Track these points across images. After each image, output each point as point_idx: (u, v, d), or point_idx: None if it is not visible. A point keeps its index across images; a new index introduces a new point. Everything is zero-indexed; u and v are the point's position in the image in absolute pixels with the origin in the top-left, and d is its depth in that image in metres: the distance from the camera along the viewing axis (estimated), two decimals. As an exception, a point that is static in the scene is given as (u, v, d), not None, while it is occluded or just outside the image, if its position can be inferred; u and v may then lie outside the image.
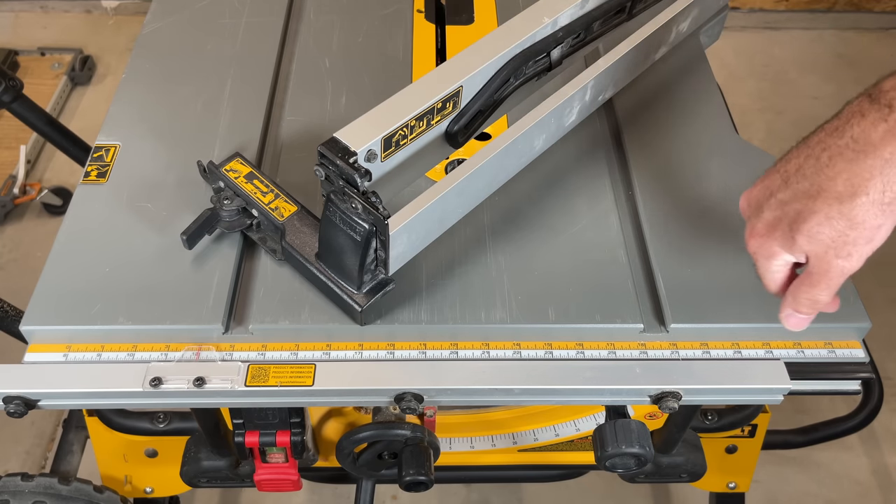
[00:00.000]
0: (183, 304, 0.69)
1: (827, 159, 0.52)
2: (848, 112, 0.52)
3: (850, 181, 0.51)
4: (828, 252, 0.54)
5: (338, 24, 0.99)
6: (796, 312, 0.59)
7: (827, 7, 2.46)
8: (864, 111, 0.51)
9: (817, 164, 0.53)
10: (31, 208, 1.94)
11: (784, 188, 0.55)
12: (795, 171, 0.54)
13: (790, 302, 0.59)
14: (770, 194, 0.56)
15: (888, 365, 1.67)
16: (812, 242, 0.54)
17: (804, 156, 0.54)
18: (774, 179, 0.56)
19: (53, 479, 0.91)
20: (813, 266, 0.56)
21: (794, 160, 0.55)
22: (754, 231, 0.58)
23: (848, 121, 0.52)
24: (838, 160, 0.51)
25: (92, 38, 2.40)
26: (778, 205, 0.55)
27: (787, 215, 0.55)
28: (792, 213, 0.54)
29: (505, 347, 0.69)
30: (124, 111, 0.87)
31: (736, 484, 1.08)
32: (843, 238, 0.52)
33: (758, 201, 0.58)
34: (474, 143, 0.77)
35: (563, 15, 0.75)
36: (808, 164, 0.53)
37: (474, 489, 1.49)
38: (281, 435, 0.85)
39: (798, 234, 0.54)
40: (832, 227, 0.52)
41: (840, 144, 0.51)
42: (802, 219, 0.53)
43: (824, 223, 0.52)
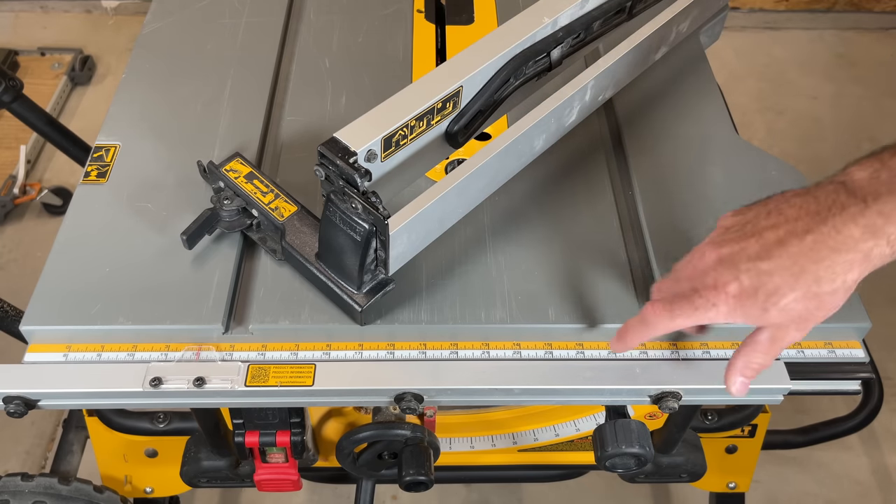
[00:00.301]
0: (183, 304, 0.69)
1: (812, 243, 0.54)
2: (825, 197, 0.55)
3: (831, 269, 0.54)
4: (790, 325, 0.57)
5: (338, 24, 0.99)
6: (744, 378, 0.61)
7: (827, 7, 2.46)
8: (843, 202, 0.54)
9: (801, 244, 0.54)
10: (31, 208, 1.94)
11: (765, 258, 0.56)
12: (777, 242, 0.56)
13: (739, 368, 0.61)
14: (748, 259, 0.57)
15: (888, 365, 1.67)
16: (781, 316, 0.56)
17: (784, 229, 0.56)
18: (752, 245, 0.57)
19: (53, 479, 0.91)
20: (769, 334, 0.58)
21: (772, 230, 0.56)
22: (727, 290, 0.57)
23: (828, 208, 0.54)
24: (822, 247, 0.54)
25: (92, 38, 2.40)
26: (757, 273, 0.56)
27: (766, 287, 0.56)
28: (771, 286, 0.55)
29: (505, 347, 0.69)
30: (124, 111, 0.87)
31: (736, 484, 1.08)
32: (809, 316, 0.56)
33: (733, 261, 0.57)
34: (474, 143, 0.77)
35: (563, 15, 0.75)
36: (791, 242, 0.55)
37: (474, 489, 1.49)
38: (281, 435, 0.85)
39: (773, 306, 0.56)
40: (805, 306, 0.55)
41: (823, 231, 0.54)
42: (782, 294, 0.55)
43: (800, 301, 0.55)
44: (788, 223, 0.56)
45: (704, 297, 0.58)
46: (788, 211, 0.56)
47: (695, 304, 0.59)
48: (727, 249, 0.58)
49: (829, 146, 2.10)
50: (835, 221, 0.53)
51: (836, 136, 2.13)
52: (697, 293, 0.58)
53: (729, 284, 0.57)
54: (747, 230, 0.58)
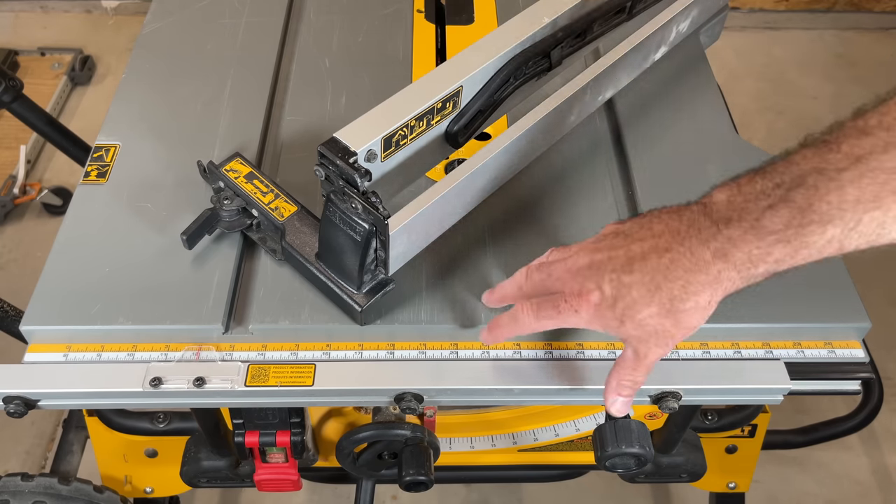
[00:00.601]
0: (183, 304, 0.69)
1: (668, 261, 0.55)
2: (688, 217, 0.56)
3: (685, 288, 0.55)
4: (650, 339, 0.58)
5: (338, 24, 0.99)
6: (622, 397, 0.62)
7: (827, 7, 2.46)
8: (700, 225, 0.55)
9: (659, 261, 0.56)
10: (31, 208, 1.94)
11: (628, 270, 0.57)
12: (641, 258, 0.57)
13: (614, 387, 0.62)
14: (613, 270, 0.58)
15: (888, 365, 1.67)
16: (638, 329, 0.57)
17: (650, 244, 0.57)
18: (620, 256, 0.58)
19: (53, 479, 0.91)
20: (632, 347, 0.60)
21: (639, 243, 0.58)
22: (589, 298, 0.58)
23: (688, 228, 0.56)
24: (677, 267, 0.55)
25: (92, 38, 2.40)
26: (619, 285, 0.57)
27: (624, 298, 0.57)
28: (629, 299, 0.57)
29: (505, 347, 0.69)
30: (124, 111, 0.87)
31: (736, 484, 1.08)
32: (666, 332, 0.57)
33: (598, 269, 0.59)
34: (474, 143, 0.77)
35: (563, 15, 0.75)
36: (652, 257, 0.56)
37: (474, 489, 1.49)
38: (281, 435, 0.85)
39: (629, 319, 0.57)
40: (660, 322, 0.57)
41: (681, 251, 0.55)
42: (637, 308, 0.57)
43: (655, 317, 0.56)
44: (654, 238, 0.57)
45: (568, 302, 0.60)
46: (656, 226, 0.57)
47: (559, 308, 0.60)
48: (599, 256, 0.59)
49: (829, 146, 2.10)
50: (690, 243, 0.55)
51: (836, 136, 2.13)
52: (563, 297, 0.60)
53: (592, 293, 0.58)
54: (618, 241, 0.59)
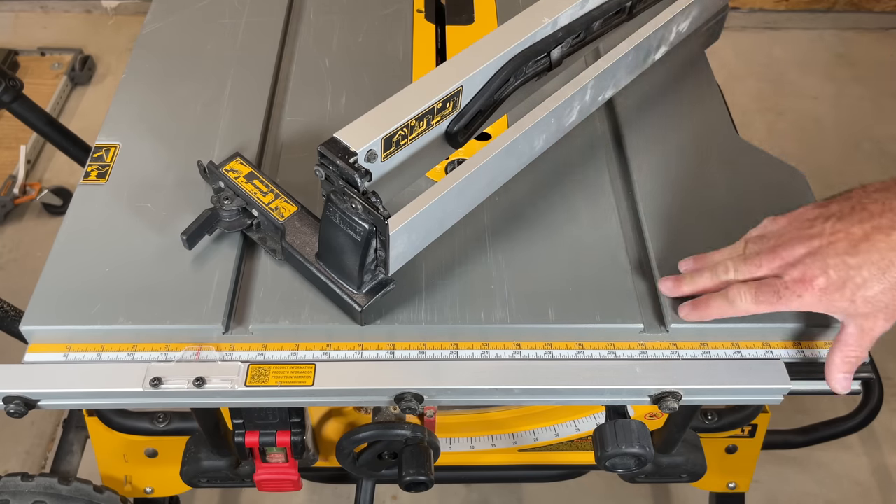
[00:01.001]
0: (183, 304, 0.69)
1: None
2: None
3: None
4: (878, 314, 0.60)
5: (338, 24, 0.99)
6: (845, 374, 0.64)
7: (827, 7, 2.46)
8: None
9: (888, 240, 0.58)
10: (31, 208, 1.94)
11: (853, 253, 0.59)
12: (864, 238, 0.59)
13: (838, 364, 0.64)
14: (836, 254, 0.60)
15: (888, 365, 1.67)
16: (868, 306, 0.59)
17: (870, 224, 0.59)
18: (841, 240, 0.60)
19: (53, 479, 0.91)
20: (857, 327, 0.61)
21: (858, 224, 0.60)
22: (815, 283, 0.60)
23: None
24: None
25: (92, 38, 2.40)
26: (846, 268, 0.59)
27: (854, 280, 0.59)
28: (860, 279, 0.59)
29: (505, 347, 0.69)
30: (124, 111, 0.87)
31: (736, 484, 1.08)
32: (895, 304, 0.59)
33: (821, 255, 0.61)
34: (474, 143, 0.77)
35: (563, 15, 0.75)
36: (877, 236, 0.58)
37: (474, 489, 1.49)
38: (281, 435, 0.85)
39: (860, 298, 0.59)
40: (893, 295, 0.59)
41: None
42: (870, 287, 0.59)
43: (888, 292, 0.58)
44: (874, 219, 0.59)
45: (791, 288, 0.61)
46: (872, 206, 0.60)
47: (780, 294, 0.62)
48: (817, 243, 0.61)
49: (830, 146, 2.10)
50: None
51: (837, 136, 2.13)
52: (784, 284, 0.62)
53: (817, 278, 0.60)
54: (835, 226, 0.61)
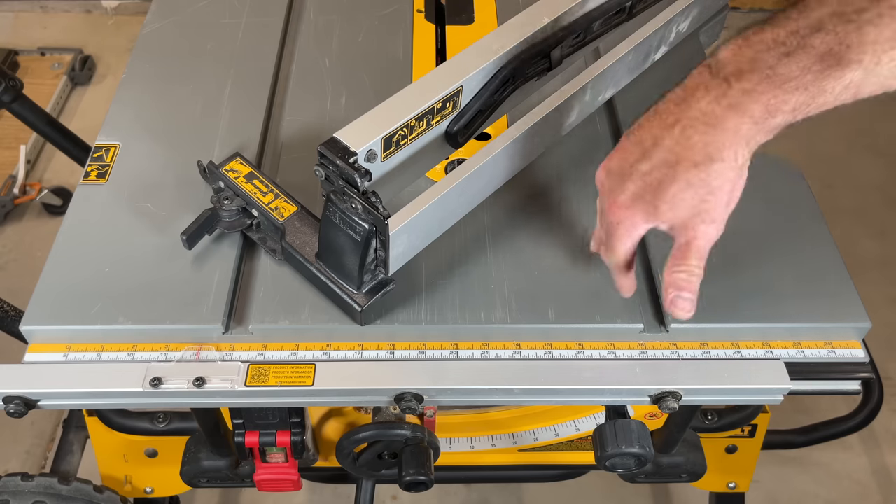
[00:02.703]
0: (183, 304, 0.69)
1: (681, 130, 0.55)
2: (692, 84, 0.55)
3: (704, 150, 0.54)
4: (693, 218, 0.57)
5: (338, 24, 0.99)
6: (679, 293, 0.60)
7: (827, 7, 2.45)
8: (707, 84, 0.54)
9: (671, 134, 0.55)
10: (31, 208, 1.94)
11: (644, 159, 0.57)
12: (652, 142, 0.57)
13: (668, 282, 0.60)
14: (630, 165, 0.58)
15: (888, 365, 1.67)
16: (675, 209, 0.56)
17: (657, 127, 0.57)
18: (632, 151, 0.58)
19: (53, 479, 0.91)
20: (680, 235, 0.58)
21: (648, 131, 0.57)
22: (617, 202, 0.59)
23: (693, 93, 0.55)
24: (692, 132, 0.54)
25: (92, 38, 2.40)
26: (639, 176, 0.57)
27: (650, 185, 0.57)
28: (654, 182, 0.56)
29: (505, 347, 0.69)
30: (124, 111, 0.87)
31: (736, 484, 1.08)
32: (704, 203, 0.56)
33: (619, 172, 0.59)
34: (474, 143, 0.77)
35: (563, 15, 0.75)
36: (664, 135, 0.56)
37: (474, 489, 1.49)
38: (281, 435, 0.84)
39: (661, 201, 0.56)
40: (693, 192, 0.55)
41: (690, 116, 0.55)
42: (664, 187, 0.56)
43: (686, 189, 0.55)
44: (661, 119, 0.57)
45: (610, 217, 0.60)
46: (661, 108, 0.57)
47: (610, 231, 0.61)
48: (613, 163, 0.60)
49: (829, 145, 2.10)
50: (699, 105, 0.54)
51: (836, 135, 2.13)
52: (605, 217, 0.61)
53: (619, 196, 0.59)
54: (630, 140, 0.59)
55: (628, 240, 0.61)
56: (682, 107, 0.55)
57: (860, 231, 1.91)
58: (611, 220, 0.60)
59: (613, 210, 0.60)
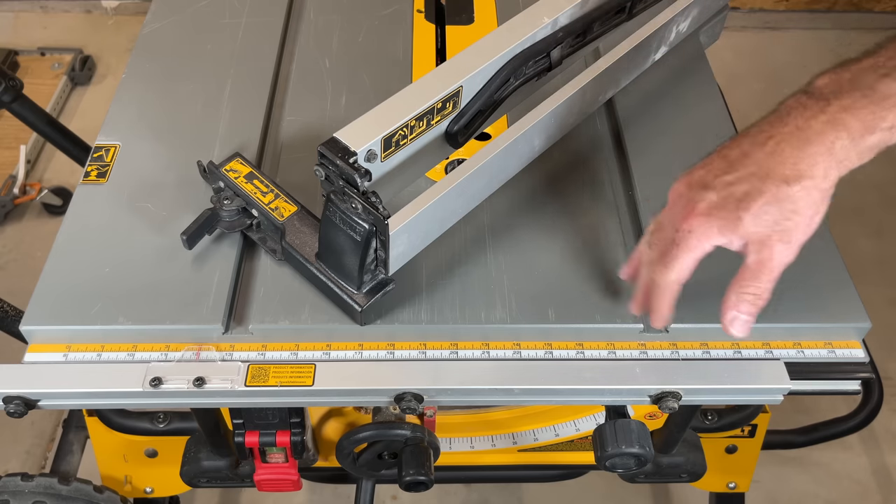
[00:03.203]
0: (183, 304, 0.69)
1: (774, 145, 0.54)
2: (786, 107, 0.56)
3: (796, 165, 0.53)
4: (771, 236, 0.55)
5: (338, 24, 0.99)
6: (740, 313, 0.59)
7: (827, 7, 2.46)
8: (804, 104, 0.55)
9: (763, 149, 0.55)
10: (31, 208, 1.94)
11: (730, 171, 0.56)
12: (741, 156, 0.56)
13: (733, 302, 0.58)
14: (714, 177, 0.57)
15: (888, 365, 1.67)
16: (757, 223, 0.55)
17: (748, 143, 0.56)
18: (717, 164, 0.57)
19: (53, 479, 0.91)
20: (753, 253, 0.56)
21: (736, 147, 0.57)
22: (696, 210, 0.57)
23: (789, 112, 0.55)
24: (785, 146, 0.54)
25: (92, 38, 2.40)
26: (723, 186, 0.56)
27: (734, 195, 0.55)
28: (739, 193, 0.55)
29: (505, 347, 0.69)
30: (124, 111, 0.87)
31: (736, 484, 1.08)
32: (786, 222, 0.55)
33: (701, 183, 0.58)
34: (474, 143, 0.77)
35: (563, 15, 0.75)
36: (754, 150, 0.55)
37: (474, 489, 1.49)
38: (281, 435, 0.85)
39: (745, 213, 0.55)
40: (779, 208, 0.54)
41: (785, 132, 0.54)
42: (751, 198, 0.55)
43: (772, 203, 0.54)
44: (751, 137, 0.56)
45: (681, 227, 0.57)
46: (752, 130, 0.57)
47: (677, 241, 0.58)
48: (694, 175, 0.58)
49: (829, 146, 2.10)
50: (796, 122, 0.54)
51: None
52: (674, 228, 0.58)
53: (697, 204, 0.57)
54: (713, 157, 0.58)
55: (696, 252, 0.58)
56: (776, 125, 0.55)
57: (858, 231, 1.91)
58: (682, 228, 0.57)
59: (689, 218, 0.57)
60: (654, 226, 0.62)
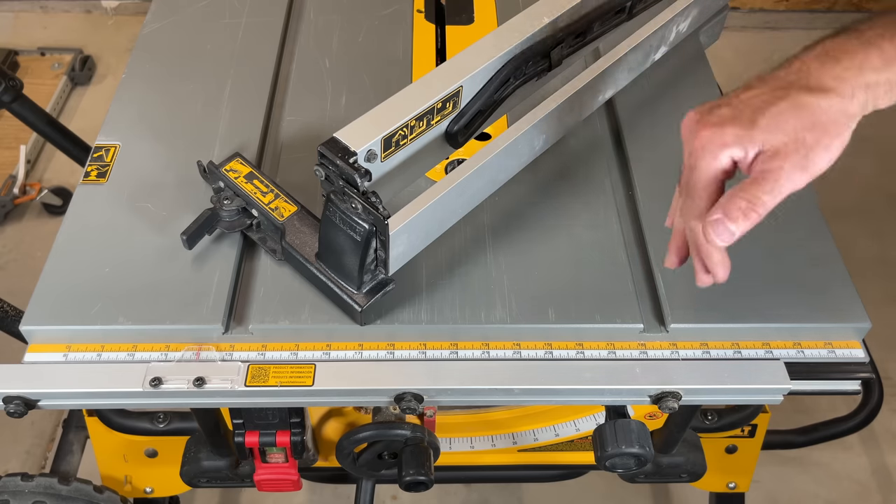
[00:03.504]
0: (183, 304, 0.69)
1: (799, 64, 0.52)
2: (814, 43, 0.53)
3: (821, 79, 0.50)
4: (787, 147, 0.51)
5: (338, 24, 0.99)
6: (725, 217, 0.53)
7: (827, 7, 2.46)
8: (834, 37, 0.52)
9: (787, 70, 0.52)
10: (31, 208, 1.94)
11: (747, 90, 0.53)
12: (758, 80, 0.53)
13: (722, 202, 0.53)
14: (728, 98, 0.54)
15: (888, 365, 1.67)
16: (773, 130, 0.51)
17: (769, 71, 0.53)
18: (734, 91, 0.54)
19: (53, 479, 0.91)
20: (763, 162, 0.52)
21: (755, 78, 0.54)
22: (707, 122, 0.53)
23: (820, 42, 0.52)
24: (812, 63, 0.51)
25: (92, 38, 2.40)
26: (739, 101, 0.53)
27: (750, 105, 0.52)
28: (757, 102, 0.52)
29: (505, 347, 0.69)
30: (124, 111, 0.87)
31: (736, 484, 1.08)
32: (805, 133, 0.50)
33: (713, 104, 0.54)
34: (474, 143, 0.77)
35: (563, 15, 0.75)
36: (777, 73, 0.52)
37: (474, 489, 1.49)
38: (281, 435, 0.84)
39: (760, 116, 0.51)
40: (798, 116, 0.50)
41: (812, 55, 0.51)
42: (768, 105, 0.51)
43: (791, 109, 0.51)
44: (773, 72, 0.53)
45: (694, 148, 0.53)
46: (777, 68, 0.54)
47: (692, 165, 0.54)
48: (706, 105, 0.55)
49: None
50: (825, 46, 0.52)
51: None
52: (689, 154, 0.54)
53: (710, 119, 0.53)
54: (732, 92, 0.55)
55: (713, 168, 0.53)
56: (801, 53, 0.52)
57: (858, 231, 1.90)
58: (695, 146, 0.53)
59: (700, 132, 0.53)
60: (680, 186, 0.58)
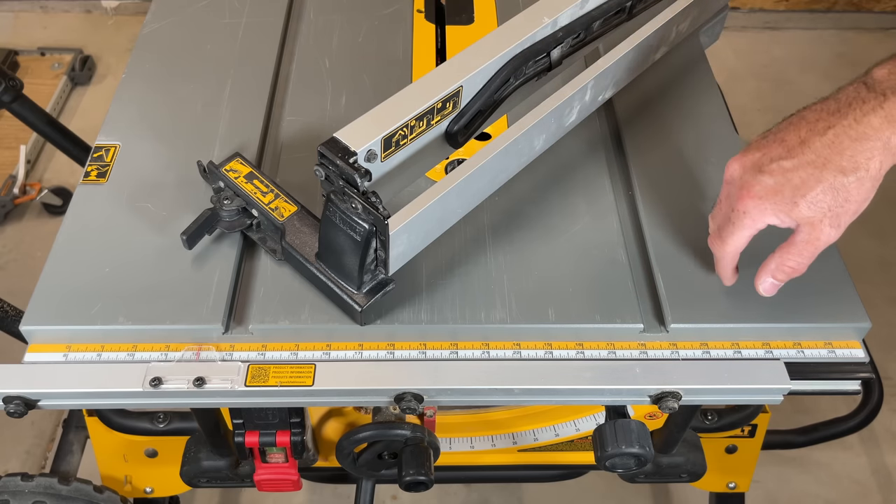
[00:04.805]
0: (183, 304, 0.69)
1: (833, 136, 0.57)
2: (846, 96, 0.58)
3: (854, 158, 0.57)
4: (823, 220, 0.59)
5: (338, 24, 0.99)
6: (775, 280, 0.64)
7: (827, 7, 2.46)
8: (863, 97, 0.57)
9: (822, 139, 0.58)
10: (31, 208, 1.94)
11: (788, 157, 0.59)
12: (799, 143, 0.59)
13: (772, 269, 0.64)
14: (770, 160, 0.60)
15: (888, 365, 1.67)
16: (811, 209, 0.58)
17: (805, 130, 0.59)
18: (774, 148, 0.60)
19: (53, 479, 0.91)
20: (803, 232, 0.60)
21: (794, 133, 0.60)
22: (751, 192, 0.60)
23: (848, 104, 0.58)
24: (844, 138, 0.57)
25: (92, 38, 2.40)
26: (781, 172, 0.59)
27: (791, 182, 0.58)
28: (797, 180, 0.58)
29: (505, 347, 0.69)
30: (124, 111, 0.87)
31: (736, 484, 1.08)
32: (838, 209, 0.58)
33: (757, 166, 0.61)
34: (474, 143, 0.77)
35: (563, 15, 0.75)
36: (812, 139, 0.58)
37: (474, 489, 1.49)
38: (281, 435, 0.85)
39: (802, 199, 0.58)
40: (834, 197, 0.58)
41: (844, 125, 0.57)
42: (808, 187, 0.58)
43: (828, 192, 0.58)
44: (809, 125, 0.59)
45: (736, 207, 0.61)
46: (809, 115, 0.60)
47: (732, 220, 0.62)
48: (750, 158, 0.61)
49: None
50: (854, 114, 0.57)
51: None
52: (731, 206, 0.62)
53: (753, 187, 0.60)
54: (769, 139, 0.61)
55: (750, 229, 0.62)
56: (835, 115, 0.58)
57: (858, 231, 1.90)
58: (738, 208, 0.61)
59: (744, 199, 0.61)
60: (720, 200, 0.66)
